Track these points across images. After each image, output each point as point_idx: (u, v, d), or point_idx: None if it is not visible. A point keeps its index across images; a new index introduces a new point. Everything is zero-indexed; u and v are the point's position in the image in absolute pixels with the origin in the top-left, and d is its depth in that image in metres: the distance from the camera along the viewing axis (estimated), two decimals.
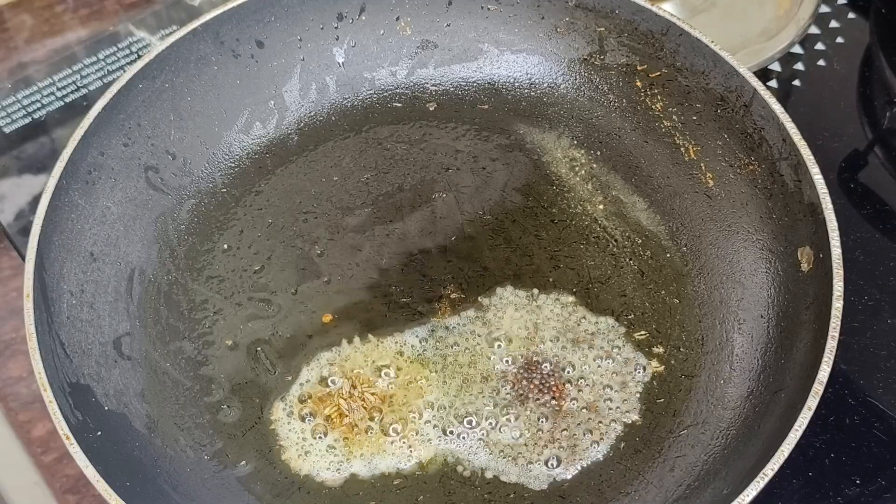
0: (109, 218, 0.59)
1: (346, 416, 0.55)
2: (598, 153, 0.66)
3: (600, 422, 0.55)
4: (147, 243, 0.61)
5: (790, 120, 0.57)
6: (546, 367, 0.57)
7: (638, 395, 0.56)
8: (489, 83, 0.70)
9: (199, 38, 0.64)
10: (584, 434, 0.54)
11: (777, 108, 0.57)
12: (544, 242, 0.63)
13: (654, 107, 0.65)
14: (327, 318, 0.59)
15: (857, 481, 0.56)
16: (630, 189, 0.65)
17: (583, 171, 0.66)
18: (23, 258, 0.59)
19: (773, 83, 0.75)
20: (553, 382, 0.56)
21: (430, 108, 0.69)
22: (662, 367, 0.57)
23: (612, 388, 0.56)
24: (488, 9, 0.69)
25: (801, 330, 0.53)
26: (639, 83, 0.66)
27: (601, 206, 0.64)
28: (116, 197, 0.60)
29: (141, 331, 0.58)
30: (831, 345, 0.49)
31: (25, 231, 0.59)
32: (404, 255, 0.62)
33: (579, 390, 0.56)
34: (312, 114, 0.68)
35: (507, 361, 0.57)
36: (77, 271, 0.56)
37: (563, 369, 0.57)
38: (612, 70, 0.67)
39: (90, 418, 0.50)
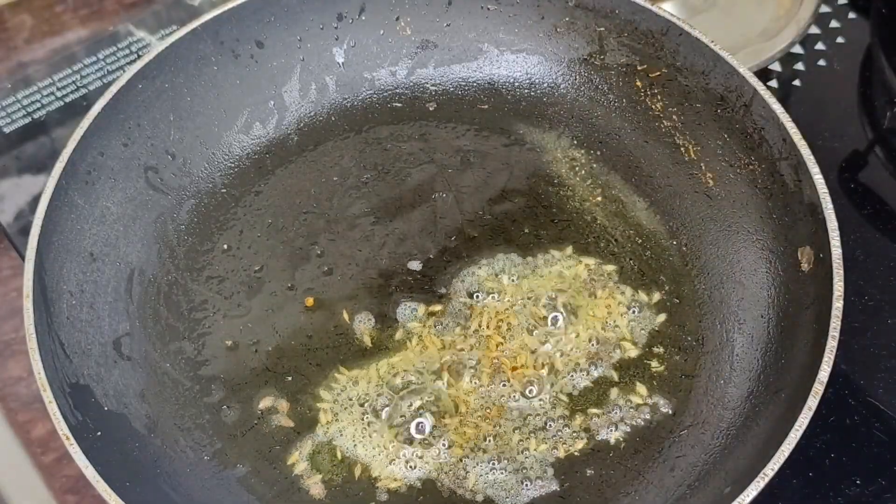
0: (109, 218, 0.59)
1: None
2: (598, 153, 0.66)
3: (601, 422, 0.55)
4: (147, 243, 0.61)
5: (790, 120, 0.57)
6: (546, 364, 0.57)
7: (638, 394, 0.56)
8: (489, 83, 0.70)
9: (199, 38, 0.64)
10: (585, 434, 0.55)
11: (777, 107, 0.57)
12: (544, 242, 0.63)
13: (654, 107, 0.65)
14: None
15: (857, 481, 0.56)
16: (630, 189, 0.65)
17: (583, 171, 0.66)
18: (22, 258, 0.59)
19: (774, 83, 0.75)
20: (553, 382, 0.56)
21: (430, 108, 0.69)
22: (662, 367, 0.57)
23: (612, 389, 0.56)
24: (488, 9, 0.69)
25: (801, 330, 0.53)
26: (639, 83, 0.66)
27: (601, 207, 0.64)
28: (116, 197, 0.60)
29: (141, 331, 0.58)
30: (831, 345, 0.49)
31: (25, 231, 0.59)
32: (404, 255, 0.62)
33: (579, 391, 0.56)
34: (312, 114, 0.68)
35: (506, 361, 0.57)
36: (77, 271, 0.56)
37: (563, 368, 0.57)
38: (612, 70, 0.67)
39: (90, 418, 0.50)
